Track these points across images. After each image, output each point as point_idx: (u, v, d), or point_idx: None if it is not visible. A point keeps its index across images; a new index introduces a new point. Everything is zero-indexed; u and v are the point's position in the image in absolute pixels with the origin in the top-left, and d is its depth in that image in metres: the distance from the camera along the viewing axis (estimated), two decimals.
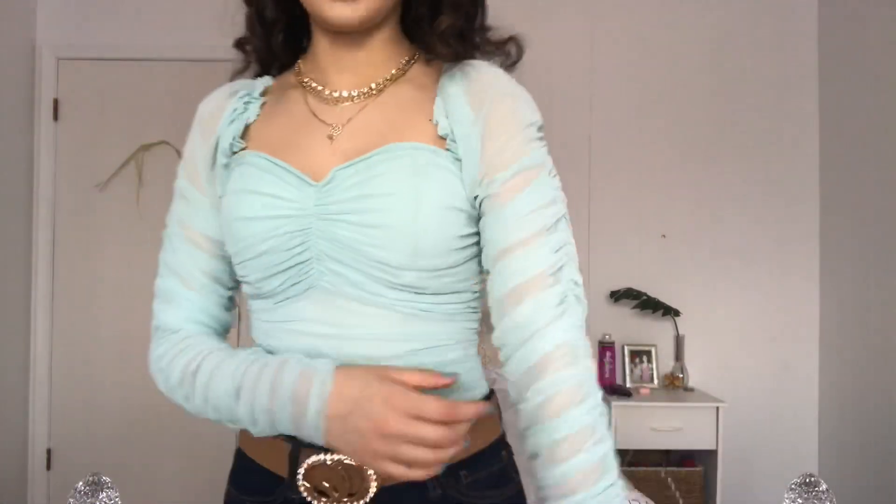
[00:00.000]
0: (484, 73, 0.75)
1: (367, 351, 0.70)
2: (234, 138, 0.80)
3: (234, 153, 0.79)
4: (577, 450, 0.65)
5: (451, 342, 0.73)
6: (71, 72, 3.07)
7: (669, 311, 2.98)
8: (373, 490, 0.67)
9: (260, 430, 0.71)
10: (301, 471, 0.69)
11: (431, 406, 0.60)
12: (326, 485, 0.68)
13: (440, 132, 0.72)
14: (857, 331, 2.79)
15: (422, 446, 0.60)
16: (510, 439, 0.79)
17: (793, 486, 1.31)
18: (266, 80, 0.89)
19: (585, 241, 3.09)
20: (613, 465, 0.68)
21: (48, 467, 3.02)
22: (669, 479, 2.76)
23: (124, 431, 3.03)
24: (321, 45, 0.80)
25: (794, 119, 3.10)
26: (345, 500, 0.68)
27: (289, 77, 0.86)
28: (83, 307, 3.05)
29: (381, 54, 0.78)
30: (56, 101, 3.05)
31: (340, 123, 0.75)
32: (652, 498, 2.14)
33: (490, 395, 0.78)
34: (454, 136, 0.72)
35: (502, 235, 0.70)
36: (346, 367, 0.67)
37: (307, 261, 0.71)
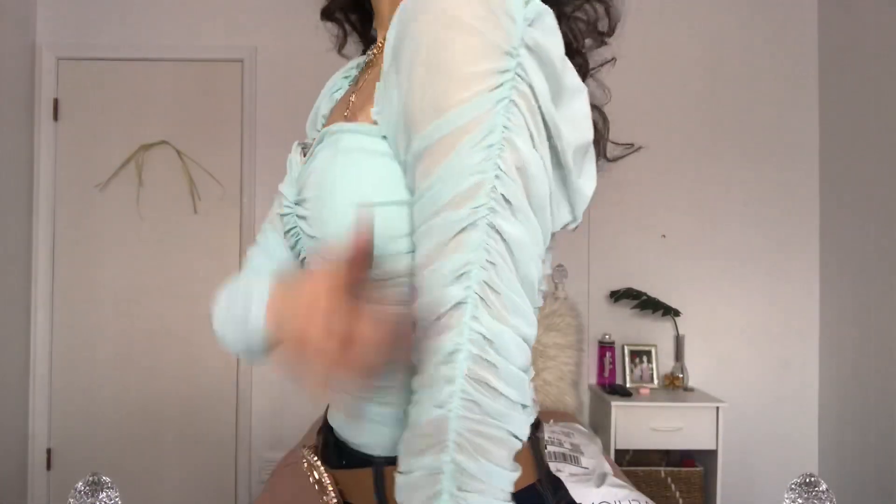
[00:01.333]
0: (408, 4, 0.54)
1: None
2: (321, 116, 0.76)
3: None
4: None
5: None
6: (71, 72, 3.07)
7: (669, 311, 2.98)
8: (333, 501, 0.63)
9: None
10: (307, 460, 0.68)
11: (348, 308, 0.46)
12: (315, 485, 0.66)
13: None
14: (857, 331, 2.79)
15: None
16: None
17: (793, 486, 1.31)
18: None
19: (585, 241, 3.09)
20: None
21: (48, 467, 3.02)
22: (669, 479, 2.76)
23: (124, 431, 3.03)
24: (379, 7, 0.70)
25: (794, 119, 3.10)
26: (322, 499, 0.64)
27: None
28: (83, 307, 3.05)
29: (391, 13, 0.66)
30: (56, 101, 3.05)
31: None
32: (652, 498, 2.14)
33: None
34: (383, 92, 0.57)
35: (415, 242, 0.53)
36: (282, 279, 0.61)
37: (302, 258, 0.69)
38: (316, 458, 0.65)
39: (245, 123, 3.08)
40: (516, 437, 0.49)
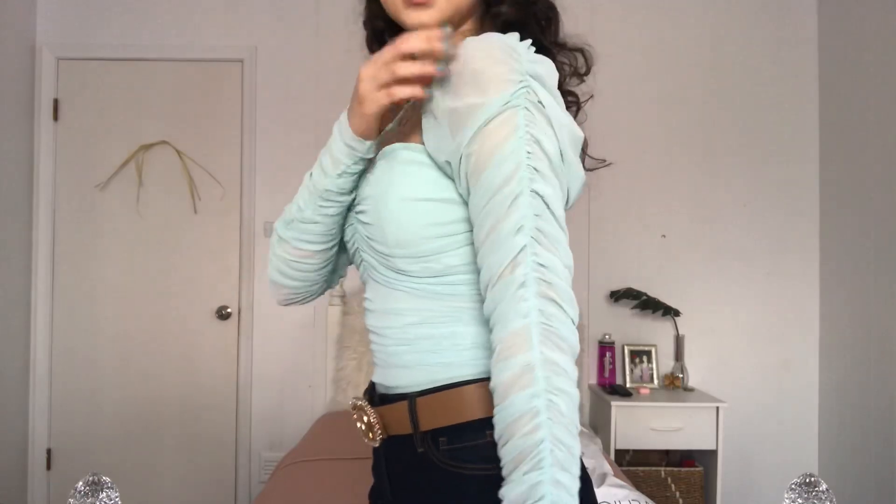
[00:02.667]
0: (467, 48, 0.75)
1: (376, 322, 0.84)
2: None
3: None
4: (510, 434, 0.65)
5: (442, 319, 0.79)
6: (71, 72, 3.07)
7: (669, 311, 2.98)
8: (379, 436, 0.83)
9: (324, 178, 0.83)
10: (353, 409, 0.87)
11: (387, 50, 0.72)
12: (361, 426, 0.85)
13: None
14: (857, 331, 2.79)
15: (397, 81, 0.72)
16: None
17: (793, 486, 1.31)
18: None
19: (585, 241, 3.10)
20: (546, 453, 0.63)
21: (48, 467, 3.02)
22: (669, 479, 2.76)
23: (124, 431, 3.03)
24: None
25: (794, 119, 3.10)
26: (369, 436, 0.85)
27: None
28: (83, 307, 3.06)
29: None
30: (56, 101, 3.06)
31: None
32: (652, 498, 2.14)
33: (479, 380, 0.77)
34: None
35: (476, 228, 0.73)
36: None
37: (357, 249, 0.87)
38: (366, 403, 0.85)
39: (245, 123, 3.08)
40: (573, 344, 0.69)
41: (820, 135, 3.09)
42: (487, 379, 0.73)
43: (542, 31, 0.85)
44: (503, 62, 0.71)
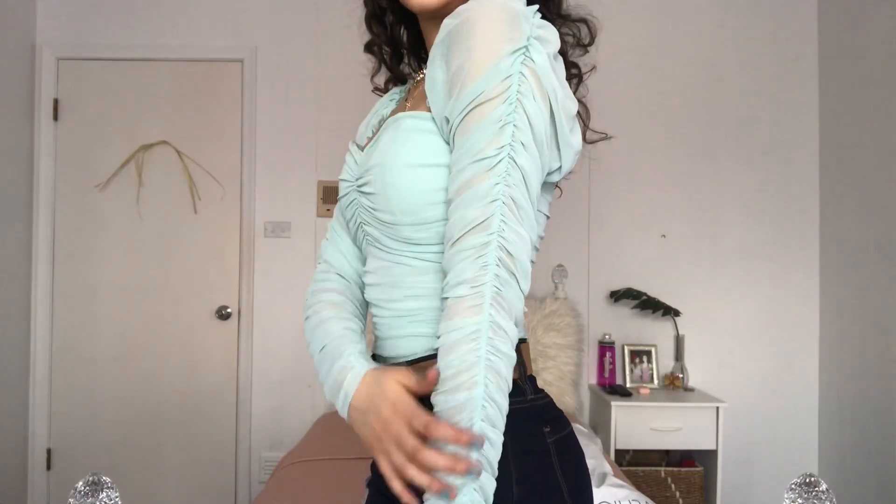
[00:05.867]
0: (458, 10, 0.76)
1: (378, 295, 0.85)
2: (374, 121, 0.98)
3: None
4: (449, 388, 0.68)
5: (440, 291, 0.78)
6: (71, 72, 3.07)
7: (669, 311, 2.98)
8: None
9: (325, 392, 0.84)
10: None
11: (420, 419, 0.68)
12: None
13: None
14: (857, 330, 2.79)
15: (414, 463, 0.67)
16: None
17: (793, 486, 1.31)
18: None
19: (585, 241, 3.10)
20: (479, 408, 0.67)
21: (48, 467, 3.02)
22: (669, 479, 2.76)
23: (124, 431, 3.03)
24: (429, 38, 0.89)
25: (794, 118, 3.10)
26: None
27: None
28: (83, 307, 3.06)
29: None
30: (56, 101, 3.06)
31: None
32: (652, 498, 2.14)
33: None
34: (431, 87, 0.78)
35: (451, 182, 0.74)
36: (375, 370, 0.78)
37: (359, 224, 0.87)
38: None
39: (245, 123, 3.08)
40: (519, 311, 0.72)
41: (820, 135, 3.09)
42: None
43: (546, 2, 0.85)
44: (506, 26, 0.71)
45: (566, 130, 0.76)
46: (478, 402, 0.66)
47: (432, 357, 0.78)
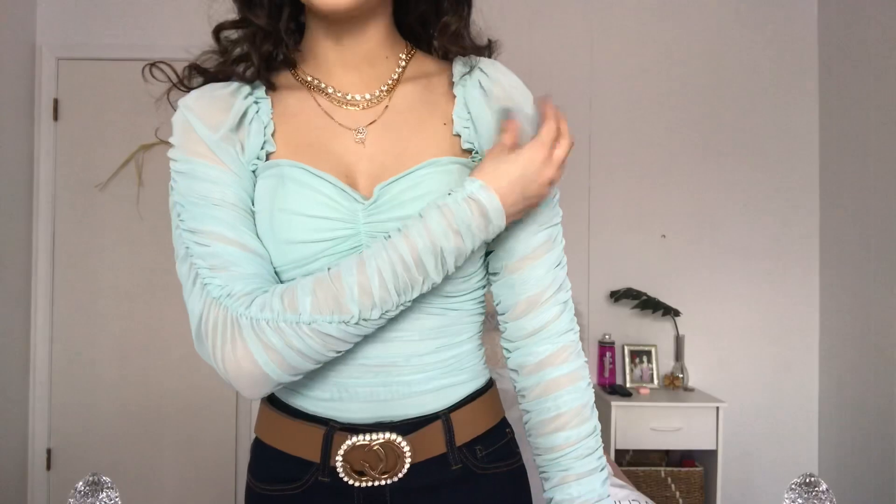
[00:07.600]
0: (503, 76, 0.79)
1: (404, 350, 0.74)
2: (265, 141, 0.76)
3: (263, 158, 0.76)
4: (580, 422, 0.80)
5: (468, 335, 0.80)
6: (71, 72, 3.07)
7: (669, 311, 2.98)
8: (407, 466, 0.74)
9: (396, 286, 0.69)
10: (341, 452, 0.73)
11: (547, 139, 0.71)
12: (366, 464, 0.73)
13: (464, 141, 0.77)
14: (857, 331, 2.79)
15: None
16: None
17: (793, 486, 1.31)
18: (259, 82, 0.81)
19: (585, 241, 3.09)
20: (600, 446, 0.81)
21: (48, 467, 3.02)
22: (669, 479, 2.76)
23: (124, 431, 3.03)
24: (322, 42, 0.78)
25: (794, 118, 3.10)
26: (381, 476, 0.73)
27: (280, 77, 0.81)
28: (83, 307, 3.05)
29: (382, 50, 0.79)
30: (56, 101, 3.05)
31: (362, 126, 0.77)
32: (652, 498, 2.14)
33: (491, 384, 0.84)
34: (478, 140, 0.77)
35: (516, 246, 0.77)
36: (486, 182, 0.71)
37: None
38: (387, 436, 0.74)
39: None
40: None
41: (820, 135, 3.09)
42: (491, 382, 0.85)
43: (464, 19, 0.81)
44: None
45: None
46: (599, 438, 0.81)
47: (466, 402, 0.80)
